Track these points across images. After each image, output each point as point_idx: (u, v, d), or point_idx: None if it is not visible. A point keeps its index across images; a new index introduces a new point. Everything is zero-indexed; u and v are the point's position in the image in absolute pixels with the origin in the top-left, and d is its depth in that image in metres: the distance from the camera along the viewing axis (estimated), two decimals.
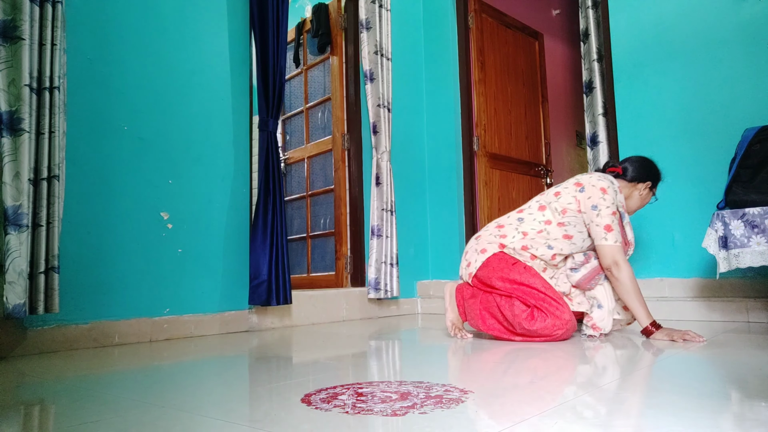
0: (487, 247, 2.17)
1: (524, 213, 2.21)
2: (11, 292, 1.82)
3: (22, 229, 1.86)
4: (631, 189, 2.24)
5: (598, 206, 2.06)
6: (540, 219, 2.15)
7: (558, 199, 2.15)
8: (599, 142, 3.19)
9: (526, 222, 2.17)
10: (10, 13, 1.92)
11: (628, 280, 2.02)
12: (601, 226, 2.05)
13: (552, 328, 1.97)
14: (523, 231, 2.15)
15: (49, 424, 1.09)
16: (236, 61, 2.82)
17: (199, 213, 2.59)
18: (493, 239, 2.18)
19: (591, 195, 2.08)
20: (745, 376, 1.31)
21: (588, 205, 2.08)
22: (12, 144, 1.88)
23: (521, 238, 2.14)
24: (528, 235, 2.14)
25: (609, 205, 2.07)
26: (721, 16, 2.79)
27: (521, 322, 2.00)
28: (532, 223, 2.15)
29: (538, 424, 0.93)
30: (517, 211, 2.26)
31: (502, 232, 2.19)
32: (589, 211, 2.08)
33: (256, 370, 1.66)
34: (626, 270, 2.03)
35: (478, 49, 3.92)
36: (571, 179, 2.22)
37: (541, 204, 2.19)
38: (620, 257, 2.03)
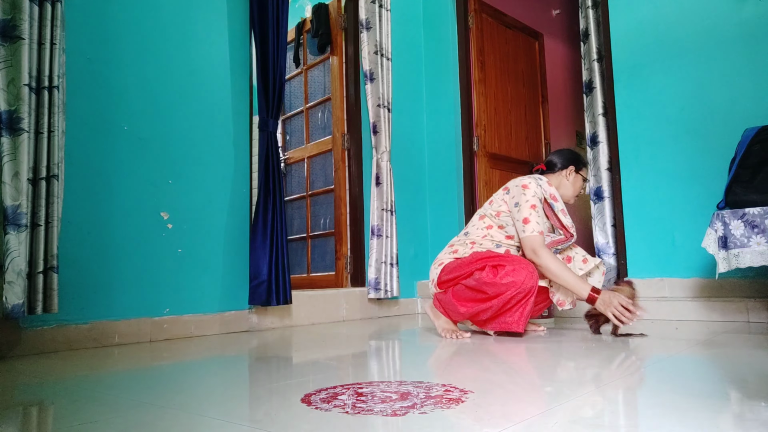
0: (444, 259, 2.34)
1: (468, 227, 2.40)
2: (10, 292, 1.82)
3: (21, 228, 1.86)
4: (559, 178, 2.39)
5: (519, 203, 2.23)
6: (481, 227, 2.33)
7: (491, 206, 2.34)
8: (599, 142, 3.19)
9: (471, 234, 2.35)
10: (9, 13, 1.92)
11: (550, 264, 2.13)
12: (520, 220, 2.21)
13: (513, 273, 2.04)
14: (471, 240, 2.32)
15: (48, 425, 1.09)
16: (236, 61, 2.82)
17: (199, 213, 2.59)
18: (447, 256, 2.35)
19: (514, 194, 2.26)
20: (745, 376, 1.31)
21: (512, 203, 2.26)
22: (11, 144, 1.88)
23: (470, 247, 2.30)
24: (476, 243, 2.30)
25: (529, 199, 2.21)
26: (721, 16, 2.79)
27: (485, 281, 2.07)
28: (477, 232, 2.33)
29: (538, 424, 0.93)
30: (462, 232, 2.43)
31: (454, 248, 2.35)
32: (513, 209, 2.25)
33: (256, 370, 1.66)
34: (545, 255, 2.14)
35: (478, 49, 3.92)
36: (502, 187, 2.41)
37: (480, 214, 2.38)
38: (538, 246, 2.15)
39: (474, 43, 3.90)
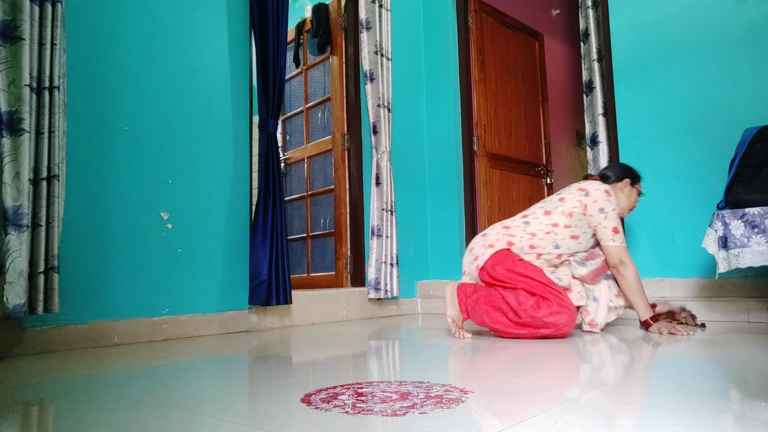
0: (495, 243, 2.26)
1: (529, 218, 2.32)
2: (11, 292, 1.82)
3: (23, 229, 1.86)
4: (615, 190, 2.36)
5: (605, 209, 2.21)
6: (546, 222, 2.26)
7: (563, 204, 2.27)
8: (599, 142, 3.19)
9: (532, 225, 2.28)
10: (10, 13, 1.92)
11: (633, 278, 2.19)
12: (609, 228, 2.20)
13: (556, 315, 2.03)
14: (531, 232, 2.26)
15: (47, 424, 1.09)
16: (236, 61, 2.82)
17: (198, 213, 2.59)
18: (501, 237, 2.28)
19: (597, 198, 2.22)
20: (745, 376, 1.31)
21: (595, 208, 2.21)
22: (12, 144, 1.88)
23: (529, 238, 2.24)
24: (536, 235, 2.24)
25: (614, 208, 2.22)
26: (721, 16, 2.79)
27: (527, 309, 2.05)
28: (539, 226, 2.26)
29: (538, 424, 0.93)
30: (521, 216, 2.36)
31: (510, 232, 2.28)
32: (596, 214, 2.21)
33: (256, 369, 1.66)
34: (632, 268, 2.19)
35: (478, 49, 3.92)
36: (572, 186, 2.36)
37: (545, 209, 2.31)
38: (626, 256, 2.20)
39: (474, 42, 3.90)
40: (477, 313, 2.19)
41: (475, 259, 2.29)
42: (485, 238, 2.32)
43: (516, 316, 2.09)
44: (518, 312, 2.08)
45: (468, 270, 2.34)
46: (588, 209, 2.22)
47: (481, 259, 2.26)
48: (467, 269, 2.34)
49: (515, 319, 2.10)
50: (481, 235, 2.37)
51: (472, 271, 2.30)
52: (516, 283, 2.13)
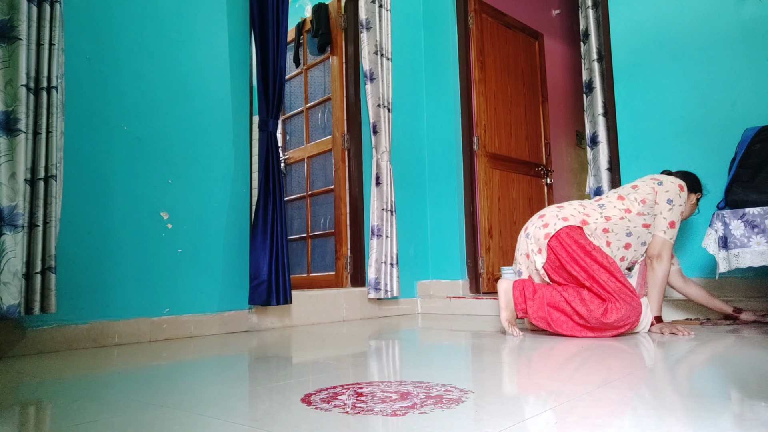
0: (570, 218, 2.24)
1: (603, 201, 2.33)
2: (6, 292, 1.81)
3: (18, 229, 1.85)
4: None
5: (672, 201, 2.23)
6: (620, 207, 2.27)
7: (636, 191, 2.28)
8: (599, 142, 3.19)
9: (607, 208, 2.28)
10: (7, 13, 1.91)
11: (662, 275, 2.22)
12: (668, 219, 2.22)
13: (626, 318, 2.04)
14: (606, 216, 2.25)
15: (47, 424, 1.09)
16: (236, 61, 2.82)
17: (199, 213, 2.59)
18: (576, 213, 2.26)
19: (669, 189, 2.24)
20: (745, 376, 1.31)
21: (664, 197, 2.23)
22: (8, 144, 1.88)
23: (604, 221, 2.24)
24: (611, 219, 2.24)
25: (681, 204, 2.24)
26: (721, 16, 2.79)
27: (597, 316, 2.05)
28: (614, 210, 2.26)
29: (538, 424, 0.93)
30: (595, 200, 2.36)
31: (585, 211, 2.27)
32: (662, 203, 2.23)
33: (256, 369, 1.66)
34: (666, 266, 2.22)
35: (478, 49, 3.92)
36: (646, 177, 2.37)
37: (619, 195, 2.32)
38: (666, 252, 2.21)
39: (474, 43, 3.90)
40: (539, 316, 2.15)
41: (545, 226, 2.23)
42: (561, 209, 2.29)
43: (582, 319, 2.08)
44: (586, 317, 2.07)
45: (533, 234, 2.26)
46: (657, 196, 2.24)
47: (552, 227, 2.20)
48: (532, 232, 2.27)
49: (581, 323, 2.09)
50: (557, 206, 2.34)
51: (539, 236, 2.23)
52: (589, 269, 2.09)
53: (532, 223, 2.33)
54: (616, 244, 2.23)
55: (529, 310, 2.19)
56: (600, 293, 2.07)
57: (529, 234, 2.30)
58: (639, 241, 2.26)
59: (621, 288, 2.06)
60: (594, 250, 2.13)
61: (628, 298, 2.05)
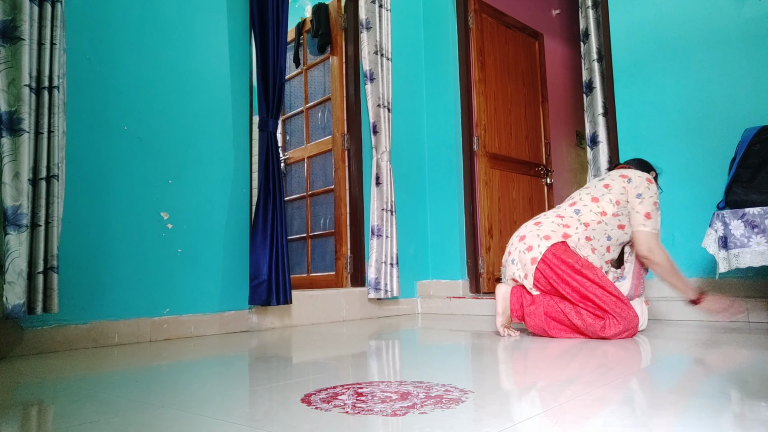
0: (551, 234, 2.19)
1: (578, 205, 2.27)
2: (11, 292, 1.82)
3: (22, 229, 1.86)
4: None
5: (642, 194, 2.20)
6: (596, 210, 2.23)
7: (609, 191, 2.25)
8: (599, 142, 3.19)
9: (583, 214, 2.24)
10: (10, 14, 1.92)
11: (665, 263, 2.17)
12: (641, 213, 2.19)
13: (623, 332, 2.03)
14: (585, 222, 2.22)
15: (48, 425, 1.09)
16: (236, 61, 2.82)
17: (199, 213, 2.59)
18: (556, 228, 2.22)
19: (637, 184, 2.22)
20: (745, 376, 1.31)
21: (634, 193, 2.21)
22: (12, 144, 1.88)
23: (584, 230, 2.20)
24: (590, 226, 2.21)
25: (652, 195, 2.21)
26: (721, 16, 2.79)
27: (596, 331, 2.04)
28: (590, 215, 2.23)
29: (538, 423, 0.93)
30: (569, 204, 2.31)
31: (565, 222, 2.23)
32: (633, 198, 2.21)
33: (256, 369, 1.66)
34: (661, 254, 2.17)
35: (478, 49, 3.92)
36: (613, 172, 2.34)
37: (593, 196, 2.27)
38: (655, 243, 2.19)
39: (474, 43, 3.90)
40: (536, 325, 2.15)
41: (528, 249, 2.19)
42: (539, 227, 2.23)
43: (579, 332, 2.09)
44: (583, 331, 2.07)
45: (518, 259, 2.22)
46: (628, 194, 2.22)
47: (536, 250, 2.16)
48: (517, 257, 2.22)
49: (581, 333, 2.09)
50: (534, 223, 2.28)
51: (525, 261, 2.18)
52: (581, 289, 2.06)
53: (515, 247, 2.26)
54: (600, 250, 2.22)
55: (526, 318, 2.18)
56: (595, 312, 2.05)
57: (514, 260, 2.24)
58: (617, 242, 2.26)
59: (616, 302, 2.04)
60: (583, 266, 2.09)
61: (624, 312, 2.03)
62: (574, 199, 2.32)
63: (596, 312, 2.05)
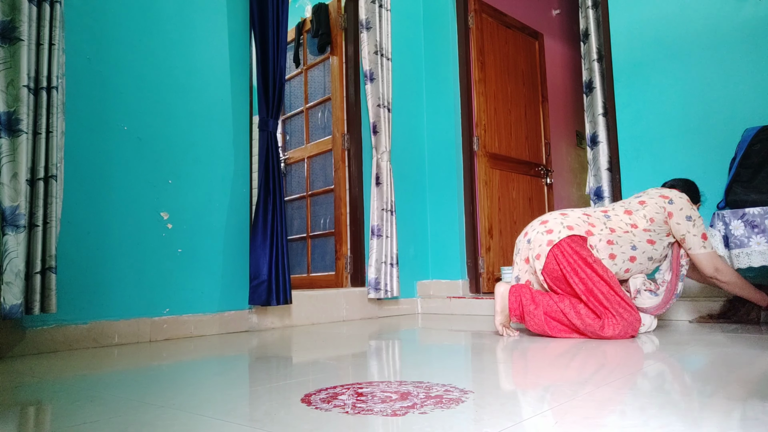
0: (575, 226, 2.19)
1: (609, 213, 2.27)
2: (8, 292, 1.81)
3: (20, 229, 1.86)
4: None
5: (692, 217, 2.18)
6: (627, 221, 2.21)
7: (644, 208, 2.23)
8: (599, 142, 3.19)
9: (612, 220, 2.23)
10: (9, 14, 1.91)
11: (735, 280, 2.19)
12: (698, 236, 2.16)
13: (623, 333, 2.02)
14: (611, 227, 2.20)
15: (48, 425, 1.09)
16: (236, 61, 2.82)
17: (199, 213, 2.59)
18: (581, 223, 2.21)
19: (683, 207, 2.19)
20: (745, 376, 1.31)
21: (682, 216, 2.17)
22: (10, 145, 1.88)
23: (608, 233, 2.19)
24: (615, 231, 2.19)
25: (699, 216, 2.20)
26: (721, 16, 2.79)
27: (595, 330, 2.04)
28: (619, 223, 2.21)
29: (538, 423, 0.93)
30: (601, 210, 2.31)
31: (590, 221, 2.22)
32: (684, 222, 2.17)
33: (256, 370, 1.66)
34: (729, 273, 2.18)
35: (478, 49, 3.92)
36: (651, 191, 2.31)
37: (626, 209, 2.26)
38: (720, 263, 2.17)
39: (474, 43, 3.90)
40: (536, 324, 2.15)
41: (548, 232, 2.19)
42: (565, 218, 2.23)
43: (579, 332, 2.09)
44: (582, 331, 2.07)
45: (534, 239, 2.22)
46: (673, 217, 2.17)
47: (556, 234, 2.16)
48: (533, 237, 2.23)
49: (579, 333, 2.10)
50: (560, 213, 2.29)
51: (541, 242, 2.18)
52: (589, 282, 2.06)
53: (533, 228, 2.28)
54: (621, 257, 2.18)
55: (526, 317, 2.18)
56: (596, 308, 2.05)
57: (530, 239, 2.25)
58: (645, 255, 2.21)
59: (619, 302, 2.03)
60: (595, 262, 2.10)
61: (626, 313, 2.02)
62: (607, 209, 2.32)
63: (597, 310, 2.05)
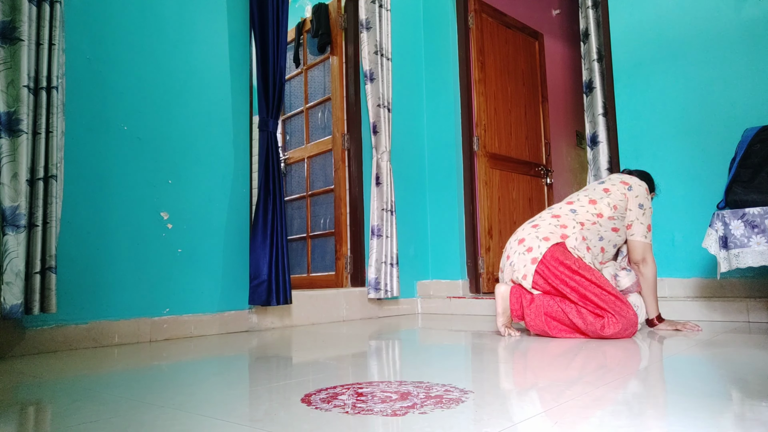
0: (550, 236, 2.22)
1: (575, 205, 2.32)
2: (8, 292, 1.81)
3: (20, 229, 1.86)
4: None
5: (644, 206, 2.27)
6: (592, 212, 2.27)
7: (608, 195, 2.30)
8: (599, 142, 3.19)
9: (579, 213, 2.28)
10: (9, 14, 1.92)
11: (652, 276, 2.26)
12: (645, 225, 2.26)
13: (623, 331, 2.04)
14: (580, 221, 2.25)
15: (48, 424, 1.09)
16: (236, 61, 2.82)
17: (199, 213, 2.59)
18: (554, 229, 2.24)
19: (638, 194, 2.28)
20: (745, 376, 1.31)
21: (636, 202, 2.27)
22: (10, 145, 1.88)
23: (580, 229, 2.24)
24: (584, 225, 2.25)
25: (650, 206, 2.30)
26: (721, 16, 2.79)
27: (596, 330, 2.05)
28: (586, 215, 2.27)
29: (538, 423, 0.93)
30: (566, 203, 2.36)
31: (562, 222, 2.26)
32: (635, 209, 2.27)
33: (256, 370, 1.66)
34: (653, 267, 2.27)
35: (478, 49, 3.92)
36: (613, 176, 2.39)
37: (591, 198, 2.32)
38: (649, 255, 2.27)
39: (474, 43, 3.90)
40: (537, 324, 2.16)
41: (528, 251, 2.21)
42: (537, 229, 2.25)
43: (579, 331, 2.10)
44: (583, 330, 2.07)
45: (517, 261, 2.23)
46: (629, 203, 2.27)
47: (537, 251, 2.18)
48: (516, 260, 2.24)
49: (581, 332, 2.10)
50: (531, 225, 2.30)
51: (525, 261, 2.20)
52: (580, 288, 2.08)
53: (514, 250, 2.28)
54: (594, 250, 2.26)
55: (526, 318, 2.19)
56: (595, 311, 2.06)
57: (513, 262, 2.26)
58: (611, 244, 2.31)
59: (614, 302, 2.05)
60: (580, 267, 2.11)
61: (623, 311, 2.03)
62: (572, 200, 2.37)
63: (596, 311, 2.06)
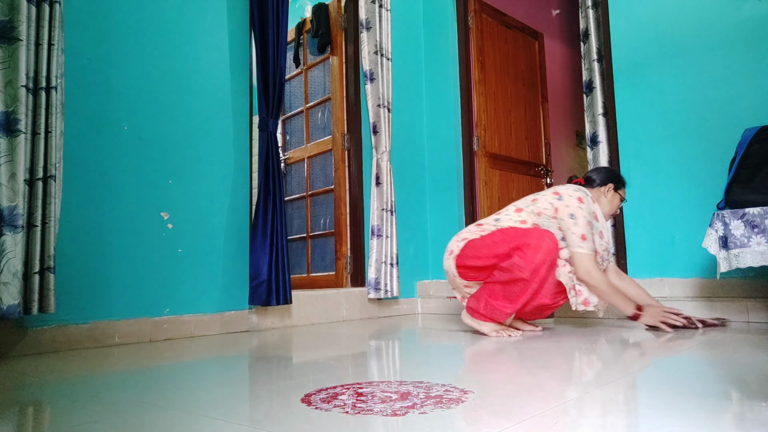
0: (467, 236, 2.35)
1: (501, 215, 2.40)
2: (5, 292, 1.81)
3: (18, 230, 1.85)
4: (598, 194, 2.43)
5: (575, 215, 2.22)
6: (516, 219, 2.33)
7: (535, 204, 2.33)
8: (599, 142, 3.19)
9: (502, 221, 2.35)
10: (7, 14, 1.91)
11: (603, 285, 2.19)
12: (577, 234, 2.21)
13: (543, 246, 2.11)
14: (500, 227, 2.32)
15: (48, 425, 1.09)
16: (236, 61, 2.82)
17: (199, 213, 2.59)
18: (474, 231, 2.37)
19: (569, 204, 2.24)
20: (745, 376, 1.31)
21: (566, 212, 2.24)
22: (8, 145, 1.88)
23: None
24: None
25: (585, 215, 2.23)
26: (721, 16, 2.79)
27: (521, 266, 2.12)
28: (509, 222, 2.33)
29: (538, 424, 0.93)
30: (495, 214, 2.45)
31: (482, 228, 2.36)
32: (566, 218, 2.24)
33: (256, 370, 1.66)
34: (598, 276, 2.19)
35: (478, 49, 3.92)
36: (548, 189, 2.42)
37: (518, 207, 2.38)
38: (591, 266, 2.19)
39: (474, 43, 3.90)
40: (497, 313, 2.21)
41: (450, 254, 2.37)
42: (459, 234, 2.41)
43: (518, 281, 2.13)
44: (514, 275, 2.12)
45: (447, 266, 2.38)
46: (559, 213, 2.25)
47: (456, 251, 2.33)
48: (446, 265, 2.39)
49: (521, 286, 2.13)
50: (456, 235, 2.45)
51: (450, 265, 2.35)
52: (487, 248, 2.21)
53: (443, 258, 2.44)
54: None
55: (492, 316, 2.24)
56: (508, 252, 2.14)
57: (446, 270, 2.40)
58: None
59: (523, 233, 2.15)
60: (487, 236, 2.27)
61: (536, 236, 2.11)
62: (501, 211, 2.45)
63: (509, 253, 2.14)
